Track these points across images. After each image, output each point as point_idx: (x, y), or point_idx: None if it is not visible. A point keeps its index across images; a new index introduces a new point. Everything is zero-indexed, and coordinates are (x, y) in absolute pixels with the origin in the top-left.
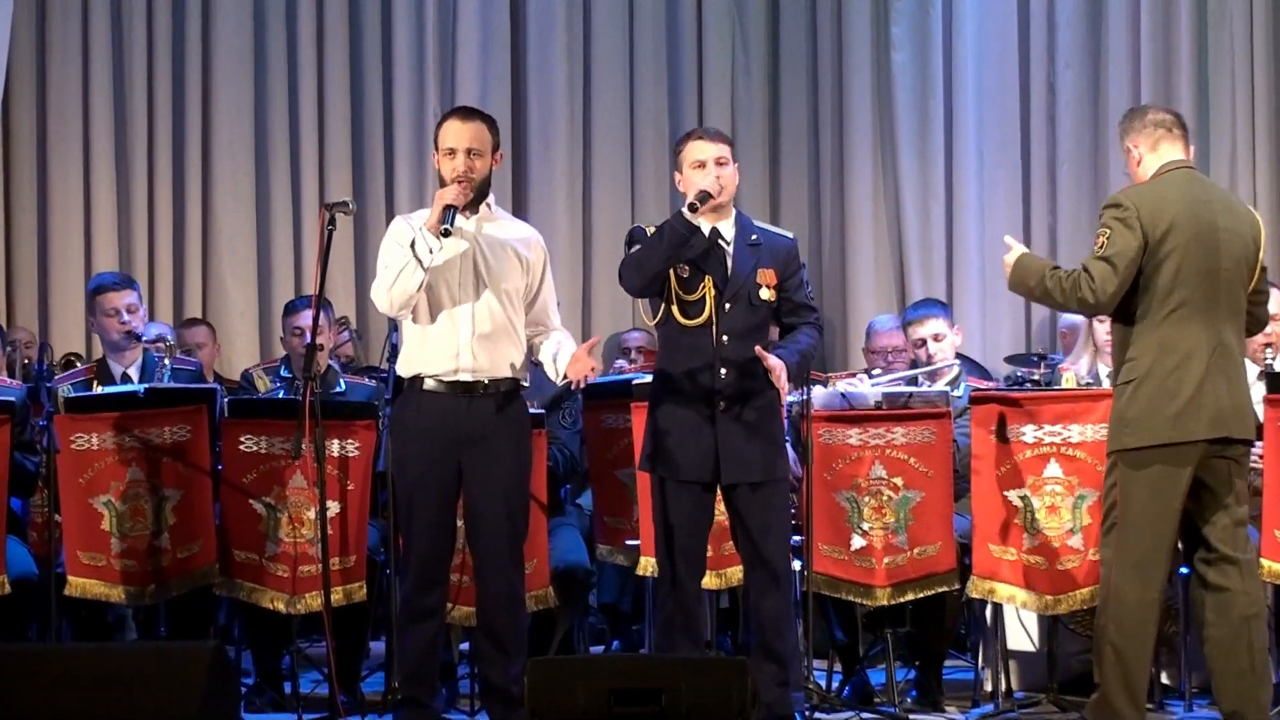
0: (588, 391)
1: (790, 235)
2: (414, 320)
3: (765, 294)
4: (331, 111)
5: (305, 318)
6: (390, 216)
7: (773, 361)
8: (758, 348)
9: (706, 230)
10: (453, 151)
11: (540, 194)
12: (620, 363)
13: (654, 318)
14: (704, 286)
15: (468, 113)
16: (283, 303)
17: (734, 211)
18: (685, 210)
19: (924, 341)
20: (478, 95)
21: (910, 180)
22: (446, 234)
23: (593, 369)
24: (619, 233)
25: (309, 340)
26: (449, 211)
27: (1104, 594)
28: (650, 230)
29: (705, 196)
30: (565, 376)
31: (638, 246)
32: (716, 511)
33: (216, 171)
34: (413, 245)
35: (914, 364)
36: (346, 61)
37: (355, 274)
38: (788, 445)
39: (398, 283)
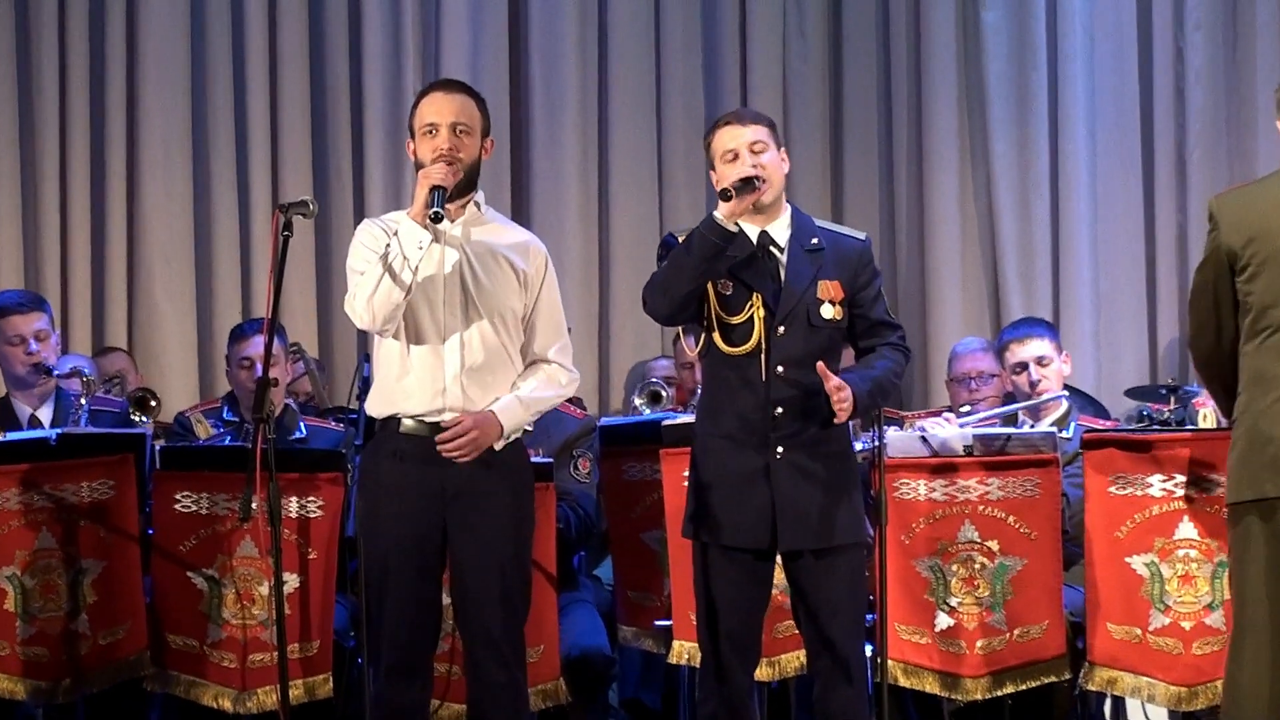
0: (607, 435)
1: (861, 236)
2: (388, 348)
3: (829, 312)
4: (286, 90)
5: (255, 345)
6: (361, 219)
7: (835, 381)
8: (820, 365)
9: (753, 235)
10: (434, 128)
11: (546, 193)
12: (650, 380)
13: (696, 347)
14: (751, 305)
15: (451, 84)
16: (227, 328)
17: (788, 209)
18: (719, 212)
19: (1025, 367)
20: (467, 68)
21: (1006, 171)
22: (437, 219)
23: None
24: (642, 241)
25: (260, 373)
26: (436, 193)
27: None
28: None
29: (745, 185)
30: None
31: (664, 263)
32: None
33: (144, 166)
34: (390, 248)
35: (1010, 397)
36: (305, 28)
37: (317, 291)
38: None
39: (380, 289)
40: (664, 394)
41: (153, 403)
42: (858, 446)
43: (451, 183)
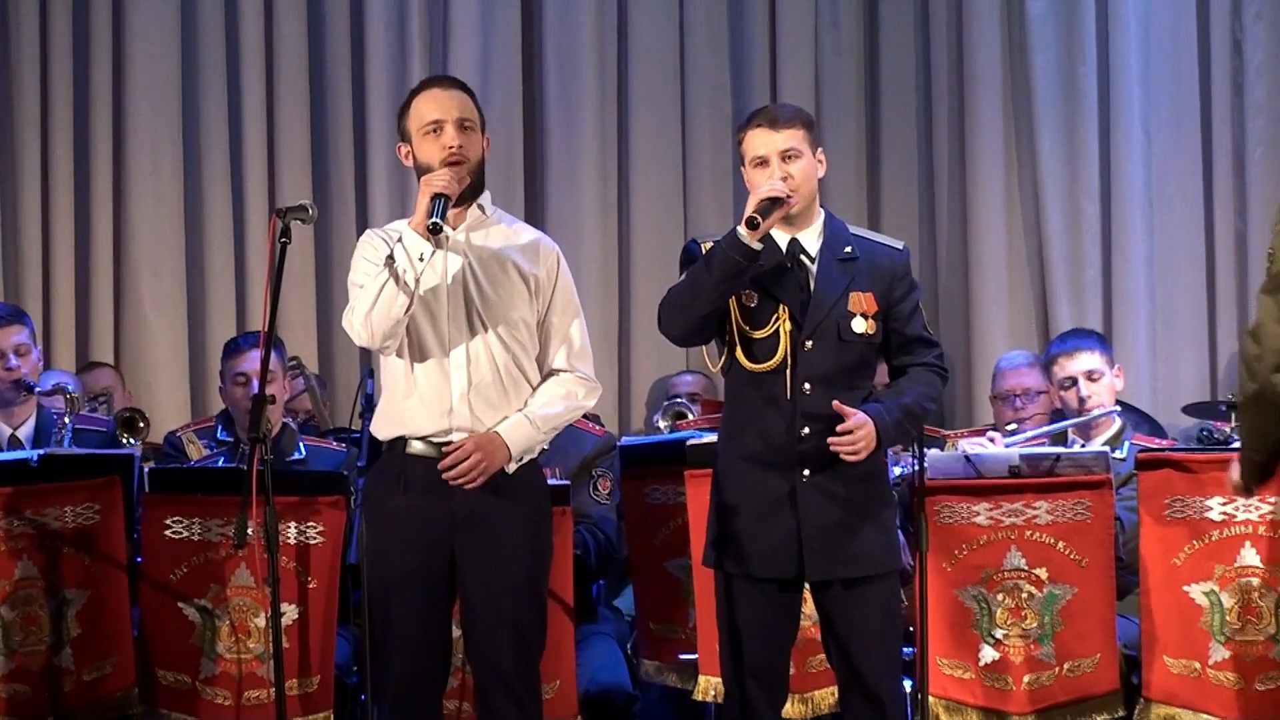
0: (627, 456)
1: (899, 246)
2: (393, 366)
3: (860, 325)
4: (284, 88)
5: (251, 360)
6: (363, 225)
7: (856, 419)
8: (835, 402)
9: (782, 243)
10: (438, 125)
11: (562, 197)
12: (674, 400)
13: (719, 361)
14: (777, 318)
15: (447, 80)
16: (220, 341)
17: (821, 215)
18: (742, 229)
19: (1073, 382)
20: (477, 66)
21: (1054, 172)
22: (436, 230)
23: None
24: (665, 248)
25: (256, 390)
26: (438, 202)
27: None
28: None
29: (770, 207)
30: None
31: (682, 279)
32: (802, 616)
33: (132, 168)
34: (390, 260)
35: (1059, 414)
36: (304, 23)
37: (317, 302)
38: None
39: (379, 305)
40: (689, 414)
41: (141, 423)
42: (896, 471)
43: (457, 190)
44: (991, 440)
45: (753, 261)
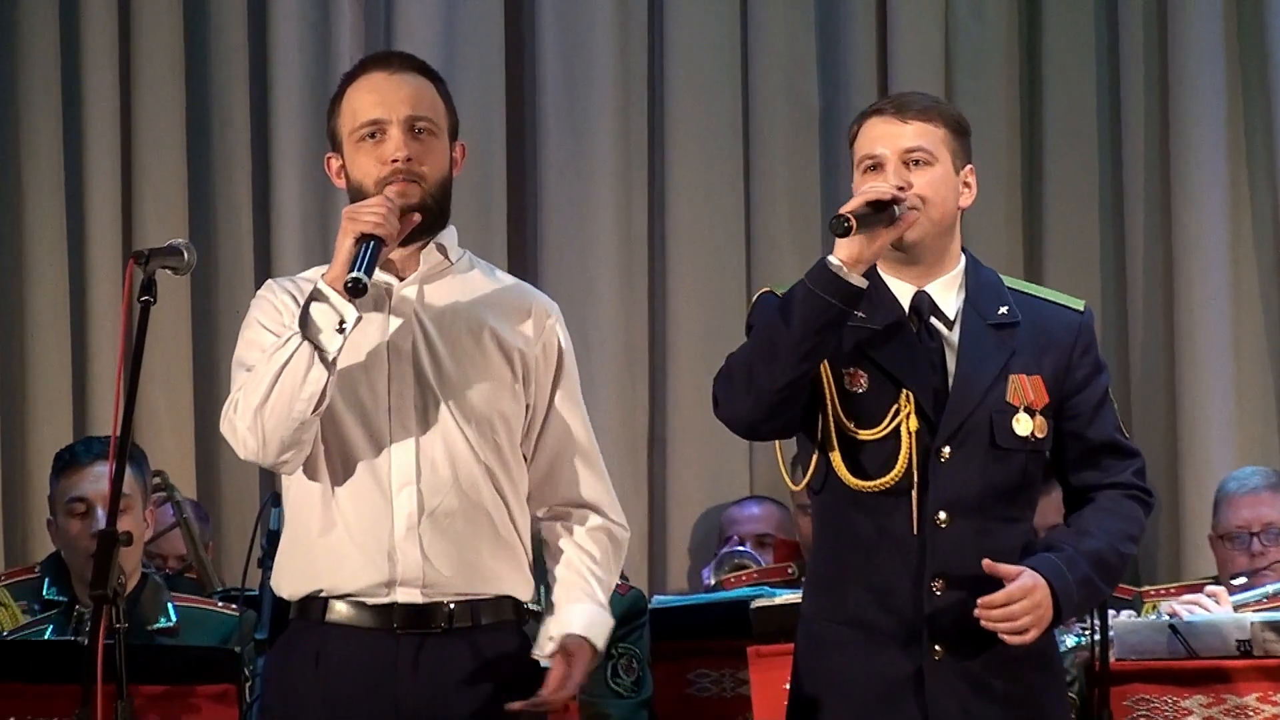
0: (664, 623)
1: (1078, 306)
2: (304, 485)
3: (1025, 426)
4: (147, 64)
5: (95, 479)
6: (264, 276)
7: (1021, 581)
8: (986, 561)
9: (904, 297)
10: (377, 128)
11: (564, 235)
12: (735, 549)
13: (804, 476)
14: (898, 412)
15: (398, 60)
16: (48, 450)
17: (961, 259)
18: (836, 255)
19: None
20: (438, 34)
21: None
22: (359, 290)
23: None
24: (717, 309)
25: (104, 524)
26: (366, 246)
27: None
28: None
29: (873, 217)
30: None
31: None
32: None
33: None
34: (304, 323)
35: None
36: None
37: (195, 392)
38: None
39: (275, 397)
40: (755, 565)
41: None
42: (1068, 641)
43: (395, 230)
44: (1214, 599)
45: (851, 305)
